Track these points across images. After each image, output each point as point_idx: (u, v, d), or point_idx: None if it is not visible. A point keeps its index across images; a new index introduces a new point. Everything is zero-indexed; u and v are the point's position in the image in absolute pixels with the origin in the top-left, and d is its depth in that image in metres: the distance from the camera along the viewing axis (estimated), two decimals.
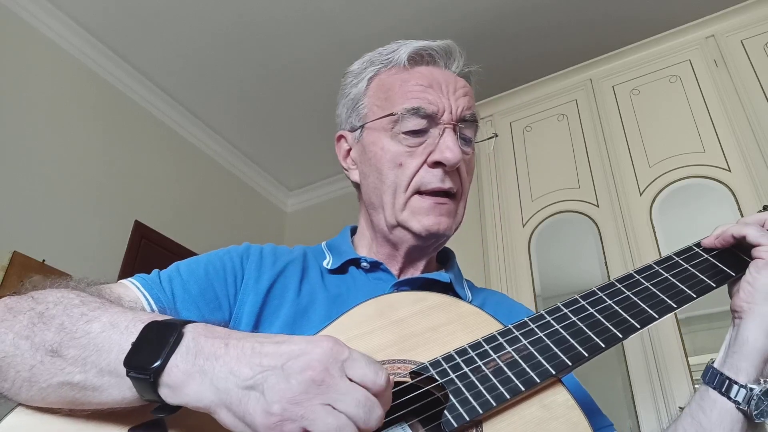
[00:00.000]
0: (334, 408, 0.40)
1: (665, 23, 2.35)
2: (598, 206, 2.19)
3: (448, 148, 0.71)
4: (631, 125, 2.26)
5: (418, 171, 0.72)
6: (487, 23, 2.76)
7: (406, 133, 0.72)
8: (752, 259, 0.61)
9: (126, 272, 2.73)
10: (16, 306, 0.53)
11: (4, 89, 2.49)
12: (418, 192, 0.73)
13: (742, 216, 1.86)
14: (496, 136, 0.86)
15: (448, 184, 0.72)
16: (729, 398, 0.56)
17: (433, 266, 0.81)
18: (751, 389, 0.55)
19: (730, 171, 1.97)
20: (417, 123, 0.72)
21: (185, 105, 3.31)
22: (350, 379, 0.42)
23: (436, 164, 0.72)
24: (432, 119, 0.73)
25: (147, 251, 2.93)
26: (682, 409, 0.60)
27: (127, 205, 2.92)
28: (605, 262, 2.08)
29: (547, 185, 2.34)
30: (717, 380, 0.58)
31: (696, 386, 1.73)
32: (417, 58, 0.77)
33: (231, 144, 3.63)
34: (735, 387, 0.56)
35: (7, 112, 2.48)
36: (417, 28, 2.80)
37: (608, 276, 2.04)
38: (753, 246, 0.61)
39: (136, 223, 2.93)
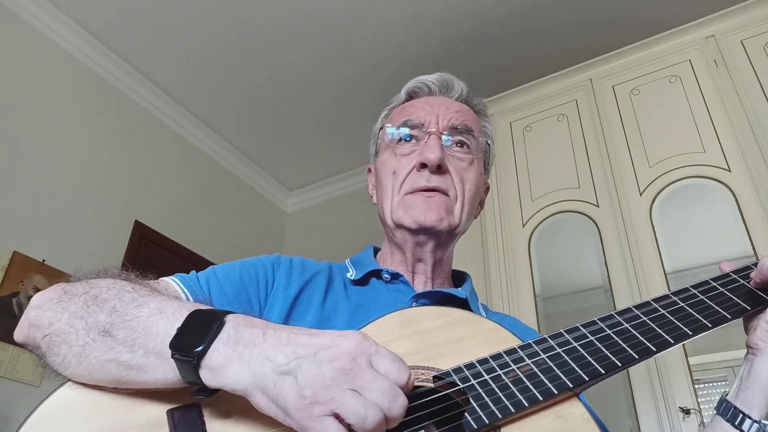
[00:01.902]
0: (360, 394, 0.43)
1: (665, 23, 2.35)
2: (598, 206, 2.19)
3: (429, 149, 0.78)
4: (631, 125, 2.26)
5: (408, 175, 0.80)
6: (487, 23, 2.76)
7: (398, 143, 0.82)
8: None
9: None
10: (71, 289, 0.57)
11: (4, 89, 2.49)
12: (409, 193, 0.80)
13: (742, 216, 1.87)
14: (489, 144, 0.90)
15: (434, 183, 0.78)
16: (741, 431, 0.59)
17: (447, 284, 0.86)
18: (764, 424, 0.58)
19: (730, 171, 1.97)
20: (405, 132, 0.82)
21: (185, 105, 3.32)
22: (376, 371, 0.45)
23: (422, 166, 0.79)
24: (420, 129, 0.81)
25: (147, 251, 2.93)
26: (681, 409, 0.62)
27: (127, 205, 2.93)
28: (605, 262, 2.08)
29: (547, 185, 2.34)
30: (730, 413, 0.61)
31: (696, 386, 1.74)
32: (415, 91, 0.87)
33: (231, 144, 3.63)
34: (748, 421, 0.59)
35: (7, 112, 2.48)
36: (417, 29, 2.80)
37: (608, 276, 2.04)
38: None
39: (136, 223, 2.93)
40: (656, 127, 2.20)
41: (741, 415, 0.59)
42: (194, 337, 0.48)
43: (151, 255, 2.93)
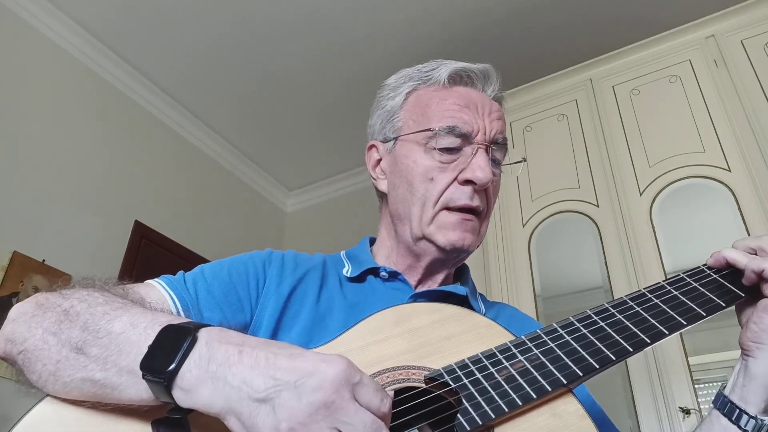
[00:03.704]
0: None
1: (665, 23, 2.35)
2: (598, 206, 2.19)
3: (479, 167, 0.72)
4: (631, 125, 2.26)
5: (448, 187, 0.74)
6: (487, 24, 2.76)
7: (440, 149, 0.74)
8: (762, 296, 0.61)
9: (126, 272, 2.72)
10: (45, 303, 0.55)
11: (4, 89, 2.49)
12: (446, 208, 0.74)
13: (742, 216, 1.87)
14: (525, 160, 0.87)
15: (476, 202, 0.74)
16: (739, 427, 0.59)
17: (449, 280, 0.83)
18: (761, 420, 0.59)
19: (730, 171, 1.97)
20: (451, 141, 0.74)
21: (185, 105, 3.32)
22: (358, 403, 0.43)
23: (467, 182, 0.73)
24: (466, 138, 0.74)
25: (147, 251, 2.93)
26: (681, 409, 0.62)
27: (127, 205, 2.92)
28: (605, 262, 2.08)
29: (547, 185, 2.34)
30: (728, 408, 0.61)
31: (696, 386, 1.74)
32: (456, 78, 0.78)
33: (231, 144, 3.63)
34: (745, 417, 0.60)
35: (7, 112, 2.48)
36: (417, 30, 2.80)
37: (608, 276, 2.04)
38: (765, 282, 0.61)
39: (136, 223, 2.93)
40: (656, 127, 2.20)
41: (738, 410, 0.60)
42: (165, 356, 0.45)
43: (151, 255, 2.93)
